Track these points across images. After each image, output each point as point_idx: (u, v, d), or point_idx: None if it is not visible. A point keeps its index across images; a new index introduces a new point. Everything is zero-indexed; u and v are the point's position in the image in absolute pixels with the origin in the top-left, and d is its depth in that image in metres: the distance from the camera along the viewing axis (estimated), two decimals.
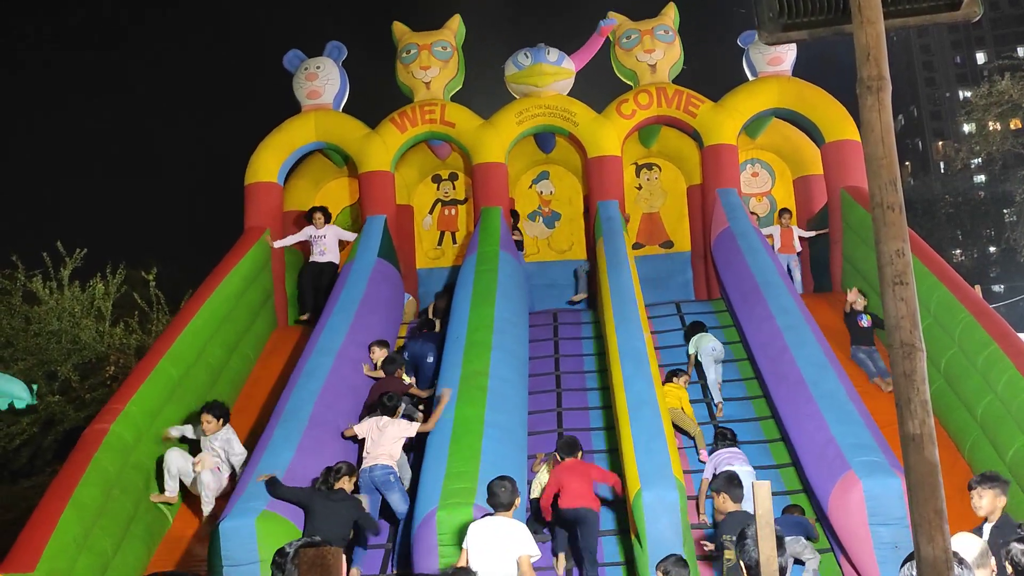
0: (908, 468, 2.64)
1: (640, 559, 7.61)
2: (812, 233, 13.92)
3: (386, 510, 8.83)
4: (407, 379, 10.46)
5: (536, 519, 8.53)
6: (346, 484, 8.14)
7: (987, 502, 5.99)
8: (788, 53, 14.21)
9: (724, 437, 9.37)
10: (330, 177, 15.35)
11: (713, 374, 10.87)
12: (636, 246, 14.68)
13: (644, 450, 8.09)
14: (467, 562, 6.57)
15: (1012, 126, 39.26)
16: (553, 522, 8.40)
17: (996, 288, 53.29)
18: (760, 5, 3.50)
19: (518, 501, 6.81)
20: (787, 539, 7.90)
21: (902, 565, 3.95)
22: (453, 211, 15.42)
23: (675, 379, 10.50)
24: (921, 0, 3.36)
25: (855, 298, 11.19)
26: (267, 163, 13.96)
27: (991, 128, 37.59)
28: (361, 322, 11.09)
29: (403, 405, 9.41)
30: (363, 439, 9.01)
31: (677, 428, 9.77)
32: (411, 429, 8.98)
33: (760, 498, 4.37)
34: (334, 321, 10.94)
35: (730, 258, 12.42)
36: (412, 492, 8.62)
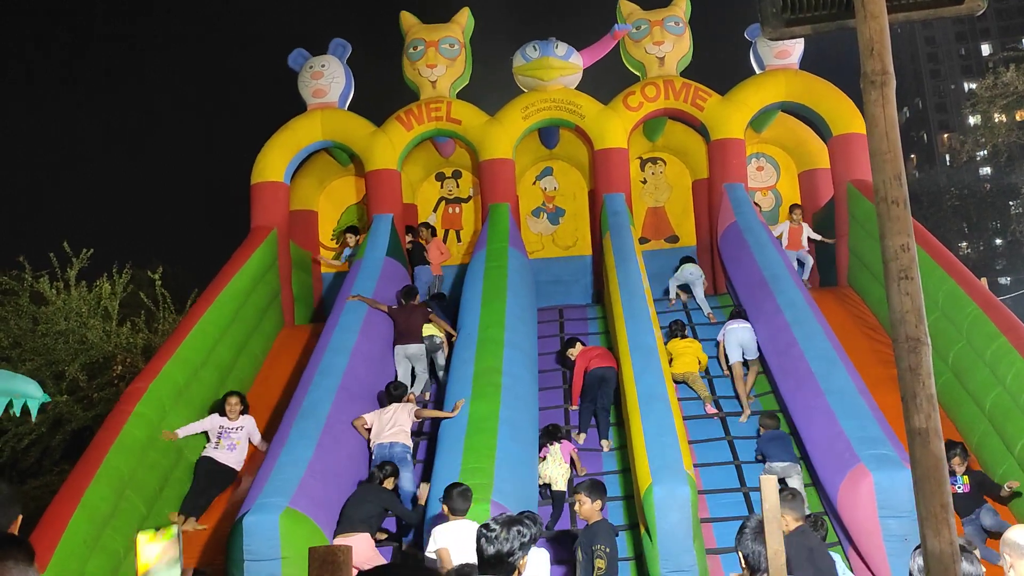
0: (914, 462, 2.65)
1: (650, 553, 7.63)
2: (818, 237, 13.68)
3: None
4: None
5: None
6: (389, 484, 8.52)
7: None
8: (796, 46, 14.19)
9: (739, 315, 11.31)
10: (335, 176, 15.39)
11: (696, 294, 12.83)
12: (641, 240, 14.66)
13: (655, 445, 8.10)
14: (452, 564, 6.55)
15: (1018, 117, 39.12)
16: (583, 394, 10.32)
17: (1002, 280, 53.15)
18: (763, 1, 3.50)
19: (470, 505, 7.17)
20: (779, 465, 8.78)
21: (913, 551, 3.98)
22: (457, 209, 15.43)
23: (681, 335, 11.36)
24: None
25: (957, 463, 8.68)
26: (273, 162, 13.98)
27: (996, 120, 37.48)
28: (372, 320, 11.12)
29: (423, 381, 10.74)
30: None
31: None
32: (412, 408, 9.45)
33: (767, 492, 4.37)
34: (346, 320, 10.97)
35: (737, 253, 12.41)
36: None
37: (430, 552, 6.94)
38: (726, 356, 11.08)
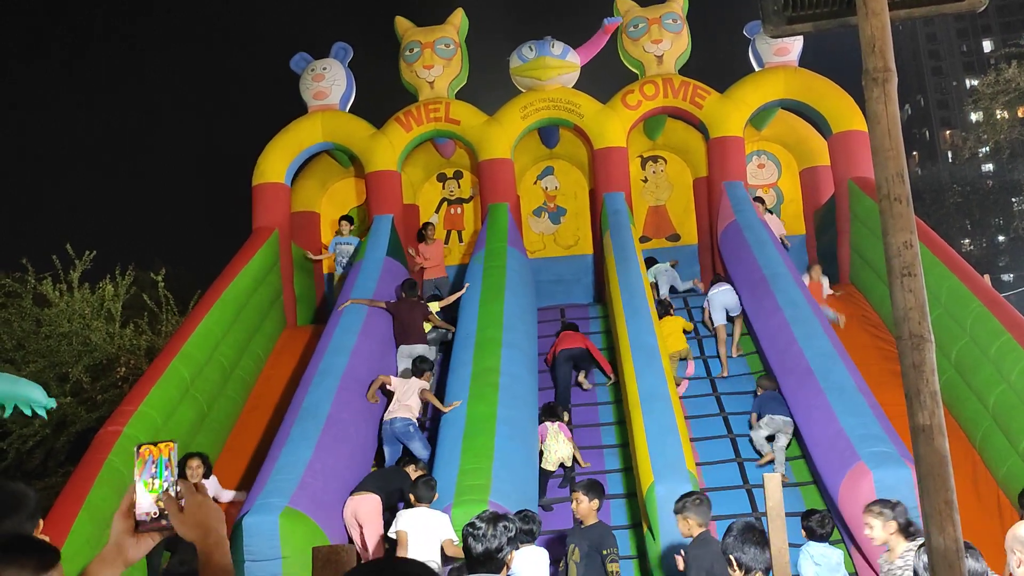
0: (918, 459, 2.65)
1: (653, 552, 7.63)
2: (835, 293, 12.69)
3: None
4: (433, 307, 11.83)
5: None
6: (410, 471, 8.70)
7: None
8: (794, 44, 14.17)
9: (719, 279, 12.26)
10: (336, 178, 15.41)
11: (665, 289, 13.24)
12: (643, 239, 14.66)
13: (657, 444, 8.10)
14: (407, 546, 7.19)
15: (1020, 114, 39.07)
16: (554, 368, 10.90)
17: (1005, 277, 53.09)
18: None
19: (436, 495, 7.73)
20: (775, 418, 9.34)
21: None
22: (459, 209, 15.44)
23: (670, 312, 11.77)
24: None
25: None
26: (274, 164, 14.00)
27: (999, 116, 37.44)
28: (372, 320, 11.13)
29: (430, 365, 10.55)
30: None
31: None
32: (424, 385, 9.96)
33: (770, 490, 4.39)
34: (346, 320, 10.99)
35: (737, 251, 12.41)
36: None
37: (391, 533, 7.45)
38: (711, 319, 11.95)
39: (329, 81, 14.45)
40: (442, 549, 7.38)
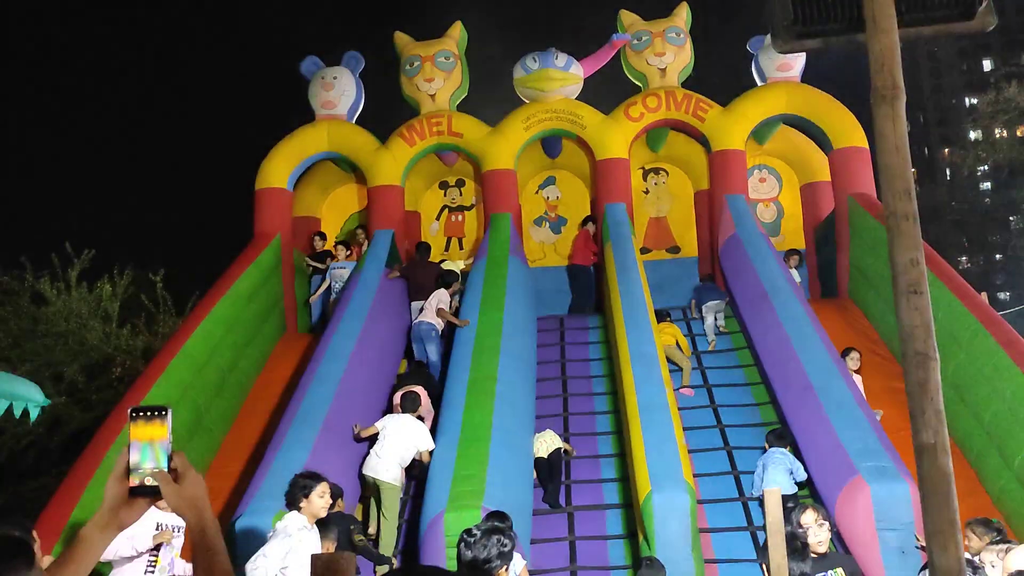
0: (922, 478, 2.65)
1: None
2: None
3: None
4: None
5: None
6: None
7: None
8: (797, 59, 14.20)
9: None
10: (338, 183, 15.40)
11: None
12: (643, 251, 14.66)
13: (655, 453, 8.10)
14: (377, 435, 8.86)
15: (1019, 133, 39.20)
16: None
17: (1002, 296, 53.08)
18: (774, 13, 3.49)
19: (421, 408, 9.35)
20: (709, 304, 12.24)
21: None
22: (460, 217, 15.44)
23: (666, 319, 12.10)
24: (935, 9, 3.36)
25: None
26: (277, 169, 14.01)
27: (998, 135, 37.55)
28: (370, 328, 11.13)
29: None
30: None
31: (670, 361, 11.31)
32: (446, 299, 11.63)
33: (770, 505, 4.39)
34: (344, 327, 10.98)
35: (737, 264, 12.43)
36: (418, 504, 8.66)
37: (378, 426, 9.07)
38: None
39: (338, 91, 14.44)
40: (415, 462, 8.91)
